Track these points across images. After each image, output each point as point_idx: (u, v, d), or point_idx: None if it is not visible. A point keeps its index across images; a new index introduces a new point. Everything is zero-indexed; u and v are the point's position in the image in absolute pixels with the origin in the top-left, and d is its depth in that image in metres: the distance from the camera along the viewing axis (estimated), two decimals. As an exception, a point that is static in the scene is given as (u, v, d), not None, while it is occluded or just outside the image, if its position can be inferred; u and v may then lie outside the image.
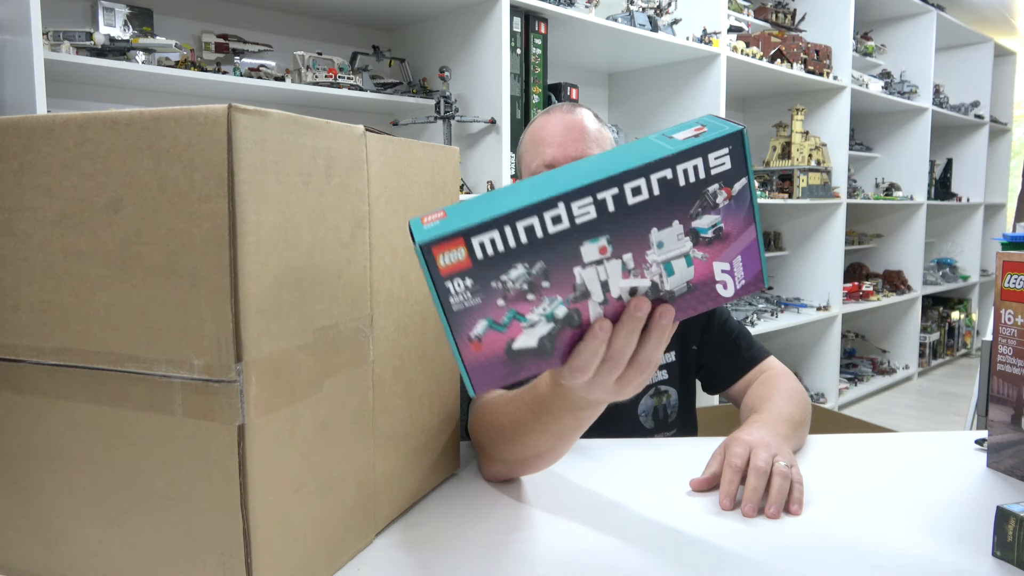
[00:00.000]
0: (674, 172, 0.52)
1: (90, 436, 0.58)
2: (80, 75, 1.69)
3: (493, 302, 0.52)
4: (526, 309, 0.53)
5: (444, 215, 0.52)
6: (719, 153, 0.52)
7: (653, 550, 0.69)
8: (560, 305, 0.54)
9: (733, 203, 0.54)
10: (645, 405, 1.12)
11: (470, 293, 0.51)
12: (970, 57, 5.02)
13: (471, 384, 0.55)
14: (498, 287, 0.52)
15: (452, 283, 0.50)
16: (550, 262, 0.52)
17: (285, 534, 0.58)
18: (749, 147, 0.54)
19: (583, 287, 0.54)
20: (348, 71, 2.06)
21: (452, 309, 0.51)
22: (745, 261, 0.57)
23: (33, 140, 0.57)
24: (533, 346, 0.55)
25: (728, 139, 0.52)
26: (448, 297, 0.51)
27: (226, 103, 0.50)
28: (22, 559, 0.63)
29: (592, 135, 1.05)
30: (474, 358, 0.54)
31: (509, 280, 0.52)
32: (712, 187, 0.53)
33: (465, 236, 0.49)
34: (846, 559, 0.67)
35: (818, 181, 3.47)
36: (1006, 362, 0.86)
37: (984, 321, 5.20)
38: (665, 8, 2.67)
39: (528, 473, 0.84)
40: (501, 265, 0.51)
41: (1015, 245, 0.92)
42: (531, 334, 0.54)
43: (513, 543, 0.71)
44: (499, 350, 0.54)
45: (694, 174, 0.52)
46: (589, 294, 0.54)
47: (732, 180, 0.53)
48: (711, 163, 0.52)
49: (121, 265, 0.55)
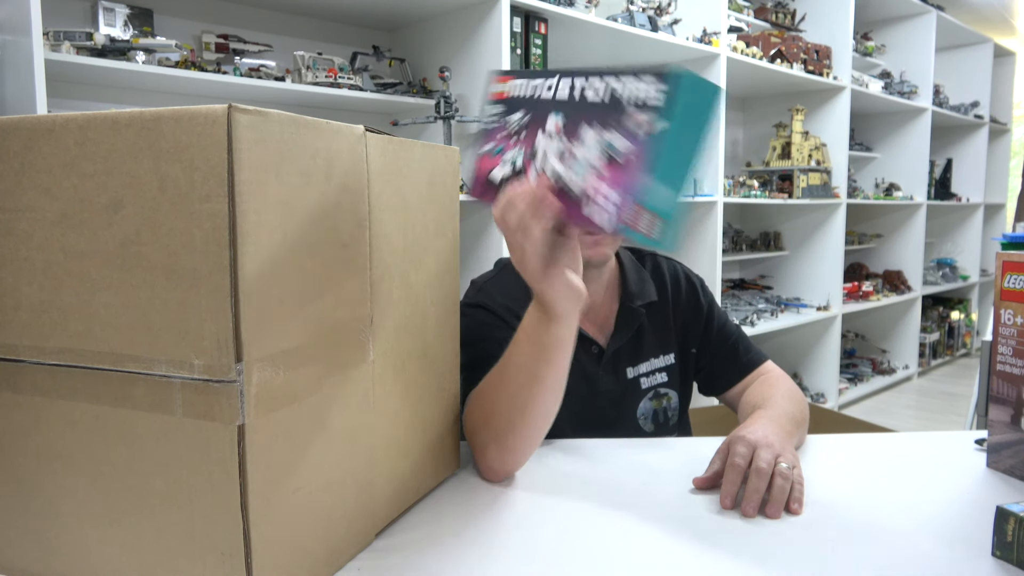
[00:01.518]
0: (621, 83, 0.61)
1: (90, 436, 0.58)
2: (80, 75, 1.69)
3: (500, 131, 0.72)
4: (507, 147, 0.71)
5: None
6: (659, 87, 0.58)
7: (653, 550, 0.69)
8: (520, 157, 0.69)
9: (647, 140, 0.59)
10: (644, 408, 1.12)
11: (494, 118, 0.73)
12: (970, 57, 5.02)
13: (471, 185, 0.75)
14: (503, 123, 0.71)
15: (491, 107, 0.73)
16: (532, 120, 0.68)
17: (285, 534, 0.58)
18: (703, 105, 0.59)
19: (536, 150, 0.67)
20: (348, 71, 2.06)
21: (484, 125, 0.74)
22: (624, 205, 0.60)
23: (33, 140, 0.57)
24: (496, 180, 0.72)
25: (671, 80, 0.58)
26: (486, 115, 0.74)
27: (226, 103, 0.51)
28: (22, 559, 0.63)
29: None
30: (479, 167, 0.74)
31: (511, 120, 0.70)
32: (640, 114, 0.59)
33: (507, 76, 0.73)
34: (846, 559, 0.67)
35: (818, 181, 3.47)
36: (1006, 362, 0.86)
37: (984, 321, 5.20)
38: (665, 8, 2.67)
39: (526, 445, 0.84)
40: (513, 105, 0.70)
41: (1015, 245, 0.92)
42: (500, 170, 0.71)
43: (513, 543, 0.71)
44: (487, 170, 0.73)
45: (632, 93, 0.59)
46: (534, 157, 0.67)
47: (656, 119, 0.58)
48: (649, 92, 0.59)
49: (121, 265, 0.55)
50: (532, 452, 0.86)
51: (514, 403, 0.80)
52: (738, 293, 3.68)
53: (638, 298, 1.11)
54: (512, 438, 0.82)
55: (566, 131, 0.64)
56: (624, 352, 1.11)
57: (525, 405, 0.80)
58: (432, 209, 0.79)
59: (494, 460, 0.84)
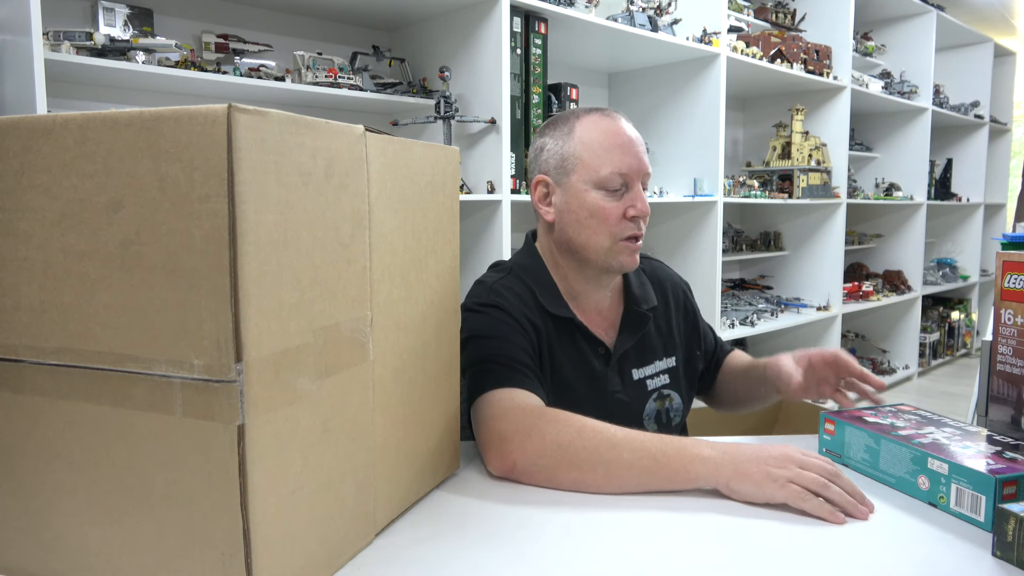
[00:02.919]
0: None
1: (90, 436, 0.58)
2: (80, 75, 1.68)
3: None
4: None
5: None
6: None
7: (654, 549, 0.69)
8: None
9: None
10: (649, 409, 1.13)
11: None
12: (970, 57, 5.02)
13: None
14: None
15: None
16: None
17: (285, 534, 0.58)
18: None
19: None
20: (348, 71, 2.06)
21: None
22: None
23: (33, 140, 0.57)
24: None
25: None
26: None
27: (226, 103, 0.51)
28: (22, 559, 0.63)
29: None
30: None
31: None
32: None
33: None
34: (846, 558, 0.67)
35: (818, 181, 3.47)
36: (1006, 362, 0.86)
37: (984, 321, 5.19)
38: (665, 8, 2.67)
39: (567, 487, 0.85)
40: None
41: (1015, 245, 0.92)
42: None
43: (513, 543, 0.71)
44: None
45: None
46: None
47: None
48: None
49: (121, 265, 0.55)
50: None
51: (611, 481, 0.82)
52: (738, 293, 3.68)
53: (643, 302, 1.13)
54: (571, 485, 0.84)
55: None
56: (631, 354, 1.12)
57: (616, 487, 0.83)
58: (432, 209, 0.79)
59: (532, 477, 0.85)
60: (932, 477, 0.79)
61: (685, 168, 2.91)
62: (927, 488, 0.79)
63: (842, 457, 0.92)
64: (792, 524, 0.74)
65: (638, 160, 1.04)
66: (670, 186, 2.93)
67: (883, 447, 0.85)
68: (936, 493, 0.79)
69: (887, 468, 0.85)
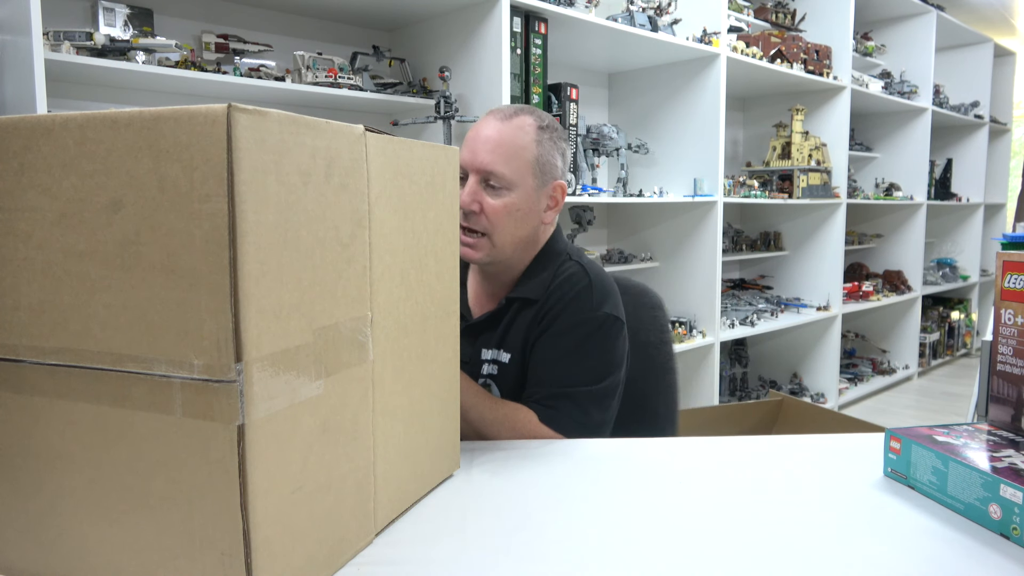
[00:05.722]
0: None
1: (90, 436, 0.58)
2: (80, 75, 1.69)
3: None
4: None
5: None
6: None
7: (654, 549, 0.69)
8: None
9: None
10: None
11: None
12: (970, 57, 5.02)
13: None
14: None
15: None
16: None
17: (285, 534, 0.58)
18: None
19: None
20: (348, 71, 2.06)
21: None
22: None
23: (33, 140, 0.57)
24: None
25: None
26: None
27: (226, 103, 0.51)
28: (22, 559, 0.63)
29: (504, 150, 1.10)
30: None
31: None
32: None
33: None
34: (846, 558, 0.67)
35: (818, 181, 3.47)
36: (1006, 362, 0.86)
37: (984, 321, 5.20)
38: (665, 8, 2.67)
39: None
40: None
41: (1015, 245, 0.92)
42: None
43: (513, 543, 0.71)
44: None
45: None
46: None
47: None
48: None
49: (121, 265, 0.55)
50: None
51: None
52: (738, 293, 3.68)
53: (516, 291, 1.17)
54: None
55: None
56: (482, 331, 1.19)
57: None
58: (432, 209, 0.79)
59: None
60: (1005, 506, 0.71)
61: (685, 168, 2.91)
62: (999, 518, 0.72)
63: (907, 479, 0.83)
64: (792, 525, 0.74)
65: (472, 153, 1.12)
66: (670, 186, 2.93)
67: (952, 469, 0.77)
68: (1009, 523, 0.71)
69: (955, 493, 0.77)
